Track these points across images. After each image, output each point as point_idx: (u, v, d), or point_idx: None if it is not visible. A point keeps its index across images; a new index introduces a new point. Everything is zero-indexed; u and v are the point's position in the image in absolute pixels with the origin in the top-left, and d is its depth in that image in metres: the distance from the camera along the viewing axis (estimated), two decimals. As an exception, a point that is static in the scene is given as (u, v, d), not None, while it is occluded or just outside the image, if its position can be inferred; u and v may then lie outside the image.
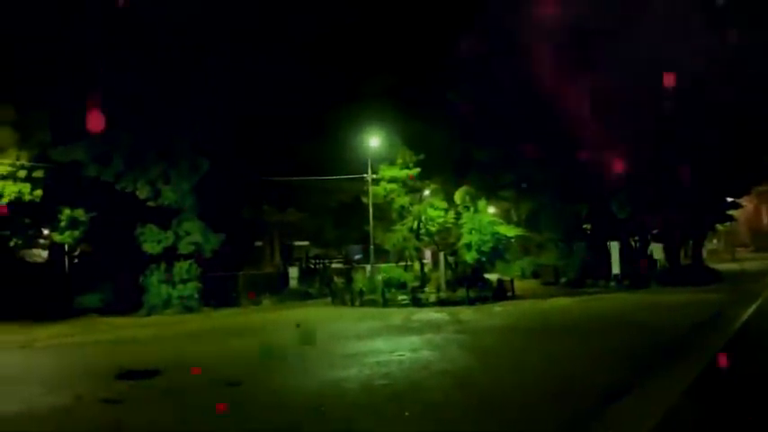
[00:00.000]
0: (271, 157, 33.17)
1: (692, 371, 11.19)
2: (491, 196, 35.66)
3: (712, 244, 60.05)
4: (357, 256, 45.46)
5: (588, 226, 39.31)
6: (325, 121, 33.58)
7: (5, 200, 25.16)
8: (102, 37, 27.16)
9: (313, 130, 33.58)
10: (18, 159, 25.58)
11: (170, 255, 29.25)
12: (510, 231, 34.04)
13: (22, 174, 25.64)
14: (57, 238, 28.28)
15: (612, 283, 33.71)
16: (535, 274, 40.90)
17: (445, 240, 32.54)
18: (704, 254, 43.99)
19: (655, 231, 37.80)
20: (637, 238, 37.74)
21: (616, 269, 34.38)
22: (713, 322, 18.57)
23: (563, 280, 36.67)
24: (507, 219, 38.85)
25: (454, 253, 32.19)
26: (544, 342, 16.50)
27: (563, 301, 27.44)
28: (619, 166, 32.58)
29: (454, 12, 36.87)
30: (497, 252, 32.53)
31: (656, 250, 37.36)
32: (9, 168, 25.24)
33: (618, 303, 26.03)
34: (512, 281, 31.00)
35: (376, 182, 32.90)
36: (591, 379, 11.34)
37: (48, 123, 26.33)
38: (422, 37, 36.23)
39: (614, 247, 34.85)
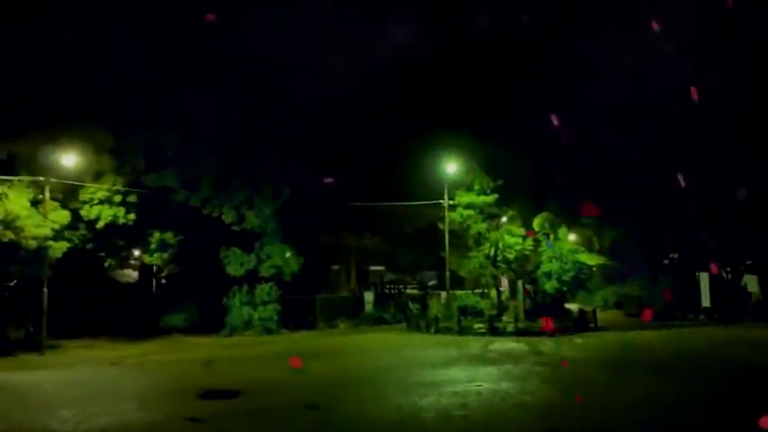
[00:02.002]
0: (349, 182, 33.76)
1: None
2: (571, 223, 34.71)
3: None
4: (432, 282, 45.25)
5: (675, 255, 37.53)
6: (403, 147, 33.96)
7: (102, 223, 26.69)
8: (192, 67, 28.75)
9: (391, 157, 34.02)
10: (114, 185, 27.15)
11: (252, 277, 30.10)
12: (592, 260, 32.94)
13: (118, 198, 27.17)
14: (147, 259, 29.69)
15: (702, 317, 31.89)
16: (618, 305, 39.28)
17: (523, 268, 31.88)
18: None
19: (749, 262, 35.63)
20: (729, 268, 35.69)
21: (706, 302, 32.52)
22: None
23: (648, 312, 35.05)
24: (589, 247, 37.65)
25: (533, 281, 31.44)
26: (630, 379, 15.78)
27: (649, 335, 26.21)
28: (709, 191, 31.19)
29: (534, 39, 36.70)
30: (578, 281, 31.52)
31: (751, 282, 35.05)
32: (106, 193, 26.83)
33: (708, 339, 24.59)
34: (594, 311, 29.93)
35: (452, 208, 32.76)
36: (680, 426, 10.74)
37: (142, 150, 27.87)
38: (501, 63, 36.19)
39: (704, 277, 33.00)
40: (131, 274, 37.31)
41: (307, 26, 33.28)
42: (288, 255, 30.64)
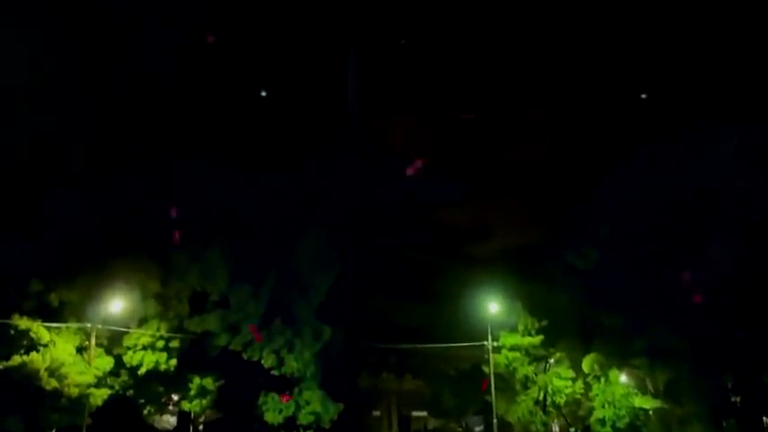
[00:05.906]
0: (388, 323, 33.46)
1: None
2: (622, 364, 33.06)
3: None
4: (478, 429, 42.84)
5: (737, 399, 35.12)
6: (443, 285, 33.88)
7: (144, 369, 26.57)
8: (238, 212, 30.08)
9: (431, 297, 33.88)
10: (158, 330, 27.31)
11: (290, 424, 29.10)
12: (647, 403, 31.11)
13: (161, 344, 27.21)
14: (186, 406, 29.10)
15: (775, 467, 29.27)
16: (680, 454, 36.32)
17: (575, 414, 30.15)
18: None
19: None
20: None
21: (778, 451, 29.97)
22: None
23: (715, 462, 32.29)
24: (642, 388, 35.56)
25: (586, 429, 29.58)
26: None
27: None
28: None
29: (568, 174, 37.50)
30: (634, 427, 29.60)
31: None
32: (150, 339, 26.92)
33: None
34: (654, 462, 27.76)
35: (497, 349, 31.73)
36: None
37: (187, 296, 28.32)
38: (538, 199, 36.81)
39: (772, 424, 30.68)
40: (169, 420, 36.44)
41: (343, 178, 34.91)
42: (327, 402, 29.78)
